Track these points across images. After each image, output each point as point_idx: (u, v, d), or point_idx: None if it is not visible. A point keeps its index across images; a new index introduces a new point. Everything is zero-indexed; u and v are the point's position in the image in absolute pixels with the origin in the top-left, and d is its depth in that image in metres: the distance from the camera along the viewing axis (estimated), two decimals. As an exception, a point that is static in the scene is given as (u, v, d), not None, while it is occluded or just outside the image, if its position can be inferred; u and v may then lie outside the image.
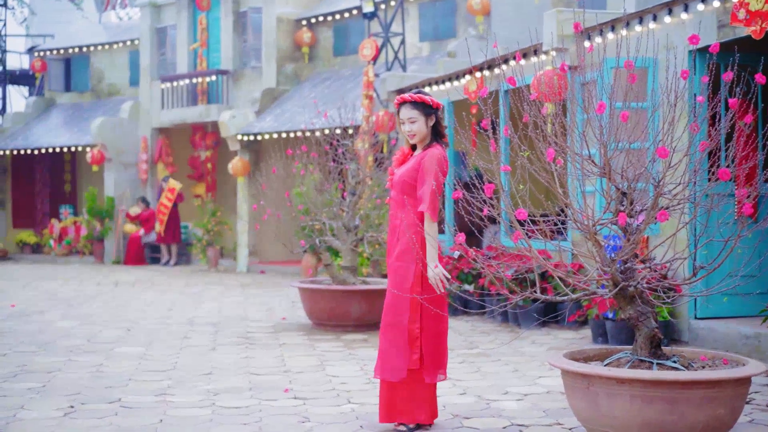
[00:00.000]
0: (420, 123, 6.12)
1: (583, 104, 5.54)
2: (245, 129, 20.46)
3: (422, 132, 6.14)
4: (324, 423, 6.32)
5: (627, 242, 5.44)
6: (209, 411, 6.70)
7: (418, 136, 6.14)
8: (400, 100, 6.20)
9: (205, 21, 23.31)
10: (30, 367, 8.48)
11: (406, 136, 6.20)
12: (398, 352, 5.97)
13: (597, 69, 5.77)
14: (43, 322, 11.65)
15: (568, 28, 10.91)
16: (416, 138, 6.16)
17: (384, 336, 6.05)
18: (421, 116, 6.12)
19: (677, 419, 5.13)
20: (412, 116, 6.12)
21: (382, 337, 6.06)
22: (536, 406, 6.79)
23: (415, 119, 6.12)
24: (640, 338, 5.53)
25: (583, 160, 5.54)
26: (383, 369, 6.01)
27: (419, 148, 6.20)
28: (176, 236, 23.01)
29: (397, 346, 5.98)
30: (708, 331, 9.04)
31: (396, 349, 5.98)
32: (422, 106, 6.13)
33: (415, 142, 6.19)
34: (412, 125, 6.12)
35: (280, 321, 11.78)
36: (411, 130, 6.13)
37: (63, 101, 27.63)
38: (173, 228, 22.92)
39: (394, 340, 5.99)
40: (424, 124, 6.13)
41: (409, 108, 6.13)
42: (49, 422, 6.35)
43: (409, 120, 6.13)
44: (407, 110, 6.14)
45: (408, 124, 6.13)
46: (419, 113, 6.12)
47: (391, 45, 18.15)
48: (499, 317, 11.38)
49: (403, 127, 6.17)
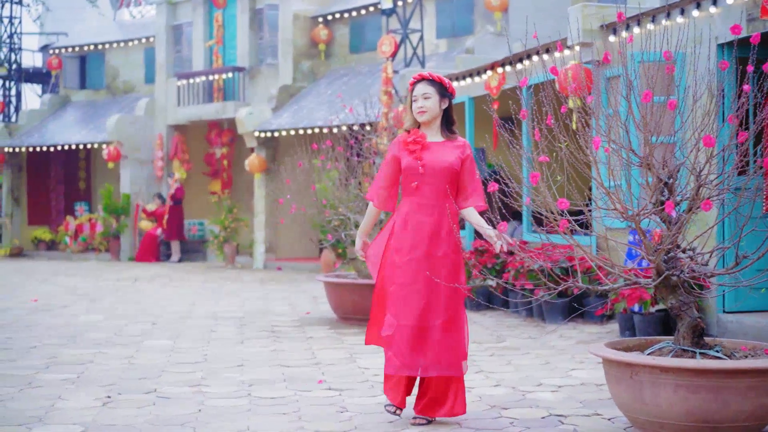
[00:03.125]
0: (433, 100, 5.96)
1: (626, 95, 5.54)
2: (262, 126, 20.49)
3: (434, 111, 5.96)
4: (362, 413, 6.33)
5: (669, 232, 5.45)
6: (246, 401, 6.72)
7: (429, 113, 5.96)
8: (417, 77, 6.04)
9: (221, 18, 23.35)
10: (61, 359, 8.51)
11: (414, 113, 5.97)
12: (458, 345, 5.89)
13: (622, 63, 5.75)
14: (68, 316, 11.69)
15: (594, 22, 10.90)
16: (426, 115, 5.95)
17: (447, 331, 5.86)
18: (436, 95, 5.97)
19: (722, 408, 5.14)
20: (427, 92, 5.95)
21: (445, 333, 5.85)
22: (572, 398, 6.79)
23: (430, 95, 5.95)
24: (683, 328, 5.54)
25: (627, 150, 5.54)
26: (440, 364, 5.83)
27: (430, 131, 6.00)
28: (179, 233, 23.06)
29: (457, 340, 5.89)
30: (737, 324, 9.03)
31: (456, 343, 5.88)
32: (439, 85, 5.99)
33: (424, 120, 5.97)
34: (425, 101, 5.94)
35: (305, 315, 11.80)
36: (423, 106, 5.94)
37: (78, 99, 27.70)
38: (176, 224, 22.97)
39: (457, 333, 5.89)
40: (437, 104, 5.97)
41: (426, 84, 5.98)
42: (88, 411, 6.38)
43: (423, 95, 5.95)
44: (423, 86, 5.98)
45: (421, 99, 5.95)
46: (434, 91, 5.97)
47: (410, 41, 18.16)
48: (524, 312, 11.39)
49: (415, 104, 5.97)
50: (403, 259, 5.90)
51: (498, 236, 5.87)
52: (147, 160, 24.37)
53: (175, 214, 23.01)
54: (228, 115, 22.40)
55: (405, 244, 5.93)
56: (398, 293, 5.90)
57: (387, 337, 5.90)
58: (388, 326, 5.89)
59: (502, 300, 11.76)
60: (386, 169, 6.08)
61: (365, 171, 11.73)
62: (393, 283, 5.92)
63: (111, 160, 23.84)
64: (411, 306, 5.87)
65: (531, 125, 5.80)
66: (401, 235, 5.96)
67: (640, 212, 5.36)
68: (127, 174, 24.23)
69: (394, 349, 5.87)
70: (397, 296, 5.90)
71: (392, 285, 5.93)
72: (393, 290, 5.91)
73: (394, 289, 5.91)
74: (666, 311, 9.59)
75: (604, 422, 6.04)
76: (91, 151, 27.18)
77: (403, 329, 5.84)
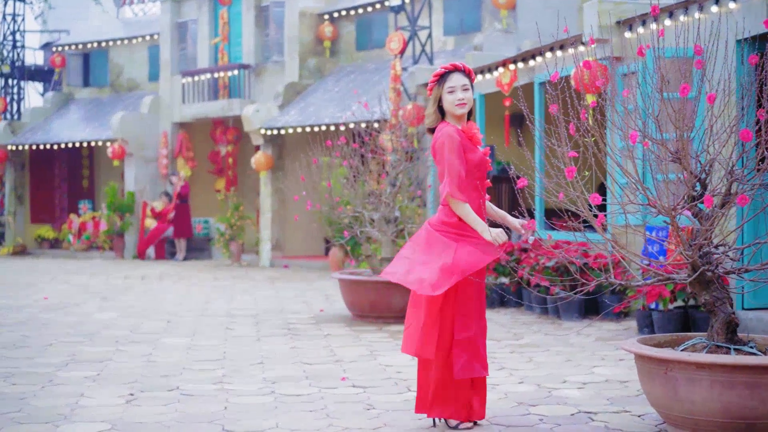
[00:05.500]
0: (470, 93, 5.82)
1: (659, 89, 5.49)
2: (269, 123, 20.44)
3: (471, 104, 5.83)
4: (390, 410, 6.29)
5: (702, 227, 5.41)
6: (271, 398, 6.68)
7: (469, 105, 5.81)
8: (450, 67, 5.82)
9: (227, 15, 23.29)
10: (80, 357, 8.48)
11: (452, 105, 5.75)
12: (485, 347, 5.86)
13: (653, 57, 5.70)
14: (82, 314, 11.65)
15: (610, 18, 10.87)
16: (466, 107, 5.79)
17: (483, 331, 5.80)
18: (470, 87, 5.84)
19: (758, 404, 5.10)
20: (466, 83, 5.77)
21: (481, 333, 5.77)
22: (599, 395, 6.75)
23: (468, 87, 5.80)
24: (717, 323, 5.50)
25: (659, 145, 5.50)
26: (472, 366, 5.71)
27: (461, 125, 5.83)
28: (185, 231, 23.01)
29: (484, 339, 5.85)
30: (757, 321, 9.00)
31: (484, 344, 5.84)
32: (469, 77, 5.85)
33: (463, 113, 5.80)
34: (465, 92, 5.76)
35: (319, 313, 11.76)
36: (465, 98, 5.75)
37: (81, 96, 27.63)
38: (182, 222, 22.91)
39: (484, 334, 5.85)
40: (472, 97, 5.84)
41: (462, 75, 5.79)
42: (114, 408, 6.34)
43: (462, 87, 5.75)
44: (460, 77, 5.78)
45: (460, 91, 5.74)
46: (469, 83, 5.84)
47: (419, 38, 18.12)
48: (538, 309, 11.35)
49: (453, 95, 5.74)
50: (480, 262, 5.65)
51: (524, 226, 5.84)
52: (152, 158, 24.30)
53: (182, 212, 22.94)
54: (234, 112, 22.34)
55: (479, 246, 5.66)
56: (474, 295, 5.72)
57: (467, 338, 5.67)
58: (468, 327, 5.68)
59: (516, 297, 11.74)
60: (461, 162, 5.68)
61: (371, 168, 11.68)
62: (470, 282, 5.65)
63: (115, 158, 23.77)
64: (482, 304, 5.78)
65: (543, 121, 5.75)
66: (472, 235, 5.68)
67: (677, 206, 5.32)
68: (131, 172, 24.16)
69: (473, 350, 5.68)
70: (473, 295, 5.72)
71: (469, 284, 5.66)
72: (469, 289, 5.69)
73: (472, 288, 5.69)
74: (684, 308, 9.57)
75: (635, 419, 6.01)
76: (94, 149, 27.10)
77: (481, 329, 5.75)
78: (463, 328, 5.67)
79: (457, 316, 5.67)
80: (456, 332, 5.66)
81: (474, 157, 5.75)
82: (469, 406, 5.77)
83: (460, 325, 5.67)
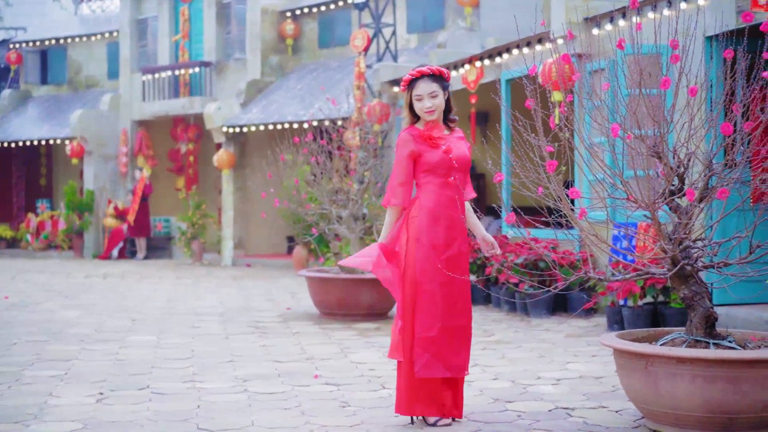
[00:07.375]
0: (440, 97, 5.66)
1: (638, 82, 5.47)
2: (231, 121, 20.29)
3: (441, 107, 5.69)
4: (365, 408, 6.22)
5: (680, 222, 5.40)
6: (245, 396, 6.59)
7: (438, 111, 5.66)
8: (417, 74, 5.65)
9: (188, 12, 23.09)
10: (45, 356, 8.33)
11: (421, 113, 5.66)
12: (467, 346, 5.76)
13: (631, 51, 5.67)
14: (46, 312, 11.47)
15: (577, 15, 10.87)
16: (435, 114, 5.66)
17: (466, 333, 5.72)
18: (440, 90, 5.67)
19: (740, 399, 5.10)
20: (433, 90, 5.62)
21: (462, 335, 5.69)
22: (575, 390, 6.73)
23: (437, 93, 5.64)
24: (695, 318, 5.49)
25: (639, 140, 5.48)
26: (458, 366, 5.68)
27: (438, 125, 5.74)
28: (145, 230, 22.78)
29: (468, 340, 5.76)
30: (727, 317, 9.02)
31: (467, 345, 5.75)
32: (441, 79, 5.69)
33: (434, 119, 5.69)
34: (434, 99, 5.62)
35: (286, 311, 11.65)
36: (433, 105, 5.62)
37: (39, 94, 27.28)
38: (142, 221, 22.67)
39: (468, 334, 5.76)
40: (443, 99, 5.69)
41: (429, 81, 5.63)
42: (84, 408, 6.22)
43: (430, 95, 5.61)
44: (427, 84, 5.62)
45: (428, 99, 5.61)
46: (439, 87, 5.65)
47: (383, 35, 18.06)
48: (506, 306, 11.33)
49: (421, 103, 5.62)
50: (441, 257, 5.58)
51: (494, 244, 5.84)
52: (111, 155, 24.04)
53: (142, 210, 22.71)
54: (195, 110, 22.14)
55: (440, 241, 5.61)
56: (439, 292, 5.59)
57: (428, 338, 5.58)
58: (429, 327, 5.58)
59: (485, 295, 11.72)
60: (402, 167, 5.68)
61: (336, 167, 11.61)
62: (431, 282, 5.58)
63: (75, 156, 23.50)
64: (450, 305, 5.63)
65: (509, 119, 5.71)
66: (434, 231, 5.62)
67: (656, 201, 5.30)
68: (90, 170, 23.88)
69: (434, 350, 5.57)
70: (438, 295, 5.59)
71: (430, 283, 5.58)
72: (430, 289, 5.58)
73: (433, 287, 5.58)
74: (654, 304, 9.59)
75: (613, 414, 5.99)
76: (52, 147, 26.75)
77: (447, 330, 5.61)
78: (424, 328, 5.58)
79: (419, 315, 5.59)
80: (416, 331, 5.59)
81: (432, 157, 5.66)
82: (442, 404, 5.71)
83: (421, 324, 5.58)
